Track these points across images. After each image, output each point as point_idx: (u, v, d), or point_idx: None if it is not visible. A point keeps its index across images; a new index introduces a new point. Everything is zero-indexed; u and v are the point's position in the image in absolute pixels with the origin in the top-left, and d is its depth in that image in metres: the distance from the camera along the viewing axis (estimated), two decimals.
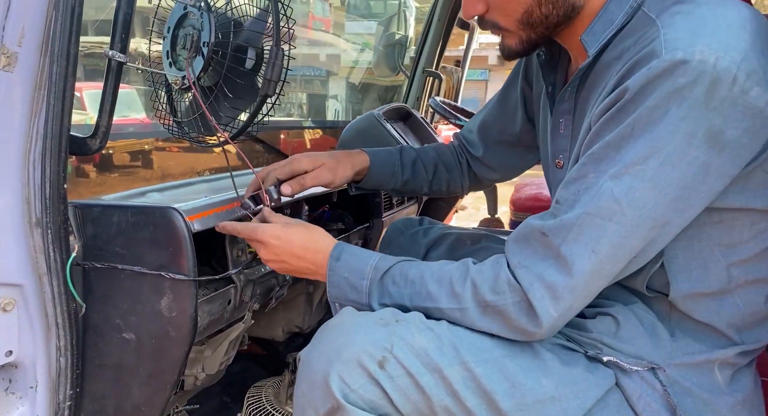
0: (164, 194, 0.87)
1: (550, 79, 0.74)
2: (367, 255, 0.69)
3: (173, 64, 0.77)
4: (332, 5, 10.49)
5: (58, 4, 0.61)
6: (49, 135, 0.63)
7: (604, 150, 0.55)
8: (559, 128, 0.71)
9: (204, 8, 0.73)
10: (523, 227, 0.61)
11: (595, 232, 0.55)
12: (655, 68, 0.51)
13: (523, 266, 0.58)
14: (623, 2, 0.60)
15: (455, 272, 0.63)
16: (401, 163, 0.95)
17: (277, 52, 0.71)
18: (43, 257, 0.65)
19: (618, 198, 0.54)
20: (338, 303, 0.70)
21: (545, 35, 0.65)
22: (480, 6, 0.64)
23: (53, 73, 0.62)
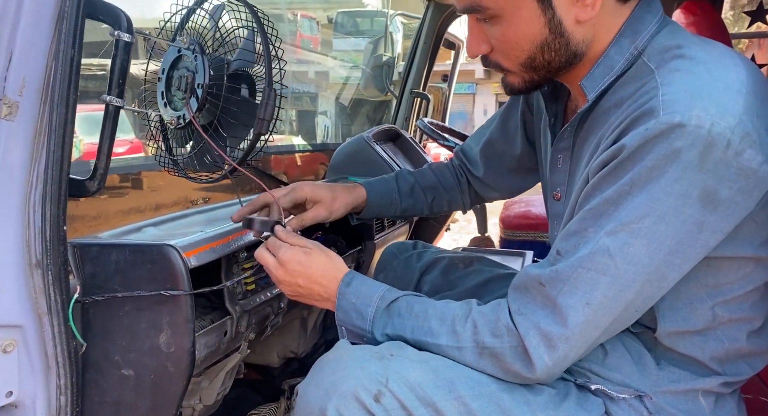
0: (160, 228, 0.89)
1: (552, 111, 0.76)
2: (375, 285, 0.72)
3: (168, 105, 0.79)
4: (320, 23, 10.53)
5: (58, 54, 0.64)
6: (49, 180, 0.65)
7: (603, 206, 0.57)
8: (557, 162, 0.73)
9: (198, 51, 0.75)
10: (522, 275, 0.63)
11: (589, 285, 0.57)
12: (652, 129, 0.53)
13: (521, 313, 0.61)
14: (623, 49, 0.62)
15: (458, 311, 0.65)
16: (398, 191, 0.98)
17: (270, 92, 0.74)
18: (44, 298, 0.67)
19: (612, 254, 0.56)
20: (344, 327, 0.73)
21: (547, 78, 0.67)
22: (484, 46, 0.66)
23: (53, 120, 0.64)
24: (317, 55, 8.77)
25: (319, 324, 1.35)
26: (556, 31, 0.61)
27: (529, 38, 0.62)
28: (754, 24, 1.84)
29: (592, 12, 0.60)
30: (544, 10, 0.60)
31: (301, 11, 10.19)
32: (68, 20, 0.64)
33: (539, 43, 0.62)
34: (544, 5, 0.60)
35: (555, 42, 0.62)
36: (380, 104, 2.80)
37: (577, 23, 0.61)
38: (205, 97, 0.75)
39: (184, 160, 0.80)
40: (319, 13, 10.64)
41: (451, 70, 2.53)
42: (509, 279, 0.97)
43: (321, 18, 10.25)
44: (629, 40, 0.62)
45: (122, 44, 0.68)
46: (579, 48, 0.63)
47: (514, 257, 1.57)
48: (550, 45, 0.62)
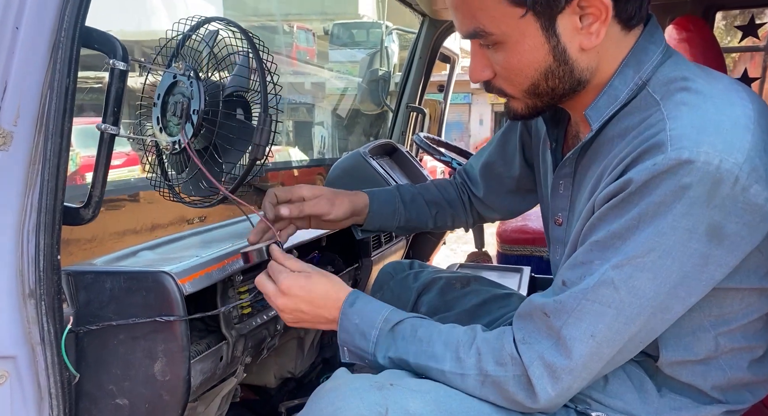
0: (156, 251, 0.88)
1: (554, 136, 0.76)
2: (379, 306, 0.71)
3: (164, 130, 0.79)
4: (316, 35, 10.61)
5: (53, 84, 0.64)
6: (43, 209, 0.64)
7: (611, 239, 0.57)
8: (559, 188, 0.73)
9: (193, 77, 0.76)
10: (527, 304, 0.63)
11: (594, 317, 0.57)
12: (660, 165, 0.53)
13: (526, 342, 0.61)
14: (628, 79, 0.62)
15: (463, 337, 0.65)
16: (401, 200, 0.97)
17: (265, 118, 0.74)
18: (37, 328, 0.66)
19: (618, 286, 0.56)
20: (346, 348, 0.72)
21: (551, 104, 0.67)
22: (487, 72, 0.66)
23: (47, 150, 0.64)
24: (313, 67, 8.85)
25: (316, 344, 1.34)
26: (560, 59, 0.61)
27: (533, 65, 0.62)
28: (747, 38, 1.87)
29: (596, 40, 0.60)
30: (548, 38, 0.60)
31: (297, 23, 10.28)
32: (63, 50, 0.64)
33: (543, 70, 0.62)
34: (548, 33, 0.59)
35: (559, 69, 0.62)
36: (377, 115, 2.82)
37: (581, 51, 0.61)
38: (201, 123, 0.75)
39: (179, 185, 0.80)
40: (315, 24, 10.73)
41: (446, 84, 2.54)
42: (506, 299, 0.97)
43: (317, 30, 10.34)
44: (633, 70, 0.62)
45: (117, 73, 0.68)
46: (583, 75, 0.63)
47: (512, 274, 1.56)
48: (554, 72, 0.62)
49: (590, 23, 0.59)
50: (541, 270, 1.58)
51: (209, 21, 0.79)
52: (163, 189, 0.82)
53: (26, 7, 0.62)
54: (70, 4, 0.64)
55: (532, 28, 0.59)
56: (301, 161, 4.83)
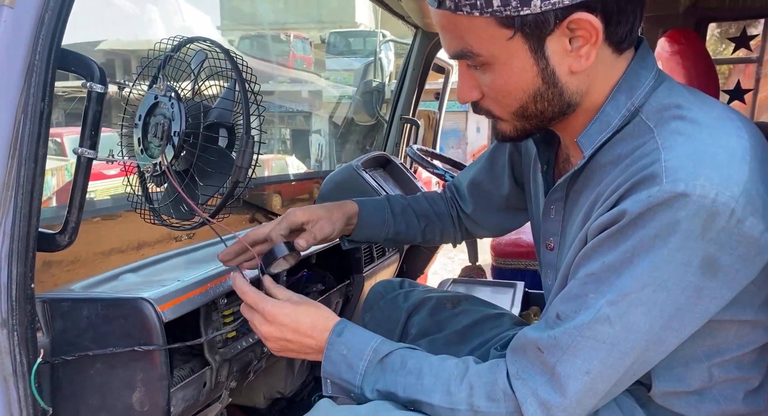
0: (139, 274, 0.87)
1: (545, 158, 0.75)
2: (368, 336, 0.69)
3: (144, 151, 0.77)
4: (312, 43, 10.66)
5: (27, 108, 0.62)
6: (16, 236, 0.62)
7: (605, 273, 0.56)
8: (550, 213, 0.72)
9: (174, 98, 0.74)
10: (521, 338, 0.62)
11: (588, 354, 0.56)
12: (655, 197, 0.52)
13: (519, 377, 0.59)
14: (620, 106, 0.61)
15: (454, 370, 0.63)
16: (391, 211, 0.95)
17: (248, 140, 0.73)
18: (9, 359, 0.64)
19: (613, 323, 0.55)
20: (330, 380, 0.69)
21: (539, 127, 0.66)
22: (475, 93, 0.64)
23: (21, 175, 0.62)
24: (310, 75, 8.88)
25: (307, 362, 1.32)
26: (549, 81, 0.60)
27: (522, 87, 0.60)
28: (739, 50, 1.87)
29: (586, 63, 0.58)
30: (537, 60, 0.58)
31: (294, 32, 10.34)
32: (38, 73, 0.62)
33: (532, 92, 0.61)
34: (537, 55, 0.58)
35: (548, 92, 0.60)
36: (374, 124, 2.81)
37: (571, 74, 0.59)
38: (181, 145, 0.73)
39: (160, 207, 0.78)
40: (312, 33, 10.79)
41: (441, 94, 2.54)
42: (498, 320, 0.95)
43: (314, 38, 10.39)
44: (626, 95, 0.61)
45: (95, 95, 0.66)
46: (573, 98, 0.61)
47: (506, 289, 1.55)
48: (543, 95, 0.60)
49: (580, 46, 0.58)
50: (535, 284, 1.56)
51: (191, 41, 0.77)
52: (144, 210, 0.80)
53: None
54: (45, 25, 0.62)
55: (521, 49, 0.58)
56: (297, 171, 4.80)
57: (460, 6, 0.57)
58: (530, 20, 0.55)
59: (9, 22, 0.60)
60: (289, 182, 2.19)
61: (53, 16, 0.62)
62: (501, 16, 0.56)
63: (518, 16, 0.55)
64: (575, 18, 0.55)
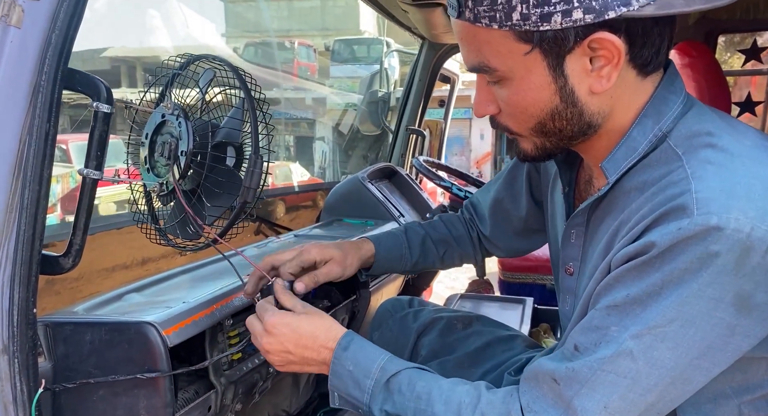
0: (143, 294, 0.85)
1: (566, 179, 0.73)
2: (375, 353, 0.67)
3: (151, 170, 0.76)
4: (317, 50, 10.69)
5: (32, 129, 0.61)
6: (19, 260, 0.61)
7: (630, 306, 0.54)
8: (570, 237, 0.70)
9: (182, 116, 0.73)
10: (536, 368, 0.59)
11: (608, 388, 0.54)
12: (686, 230, 0.50)
13: (531, 410, 0.57)
14: (647, 131, 0.58)
15: (465, 397, 0.61)
16: (408, 245, 0.94)
17: (256, 160, 0.71)
18: (9, 386, 0.62)
19: (636, 357, 0.53)
20: (336, 393, 0.68)
21: (560, 146, 0.63)
22: (492, 107, 0.63)
23: (25, 197, 0.61)
24: (314, 83, 8.90)
25: (312, 379, 1.29)
26: (568, 101, 0.58)
27: (539, 105, 0.59)
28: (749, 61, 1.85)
29: (607, 84, 0.56)
30: (555, 78, 0.56)
31: (298, 39, 10.38)
32: (44, 93, 0.61)
33: (549, 110, 0.59)
34: (555, 72, 0.56)
35: (567, 111, 0.58)
36: (373, 139, 2.79)
37: (591, 94, 0.57)
38: (188, 165, 0.72)
39: (167, 227, 0.76)
40: (316, 40, 10.83)
41: (446, 104, 2.53)
42: (511, 342, 0.93)
43: (318, 46, 10.43)
44: (653, 120, 0.58)
45: (101, 115, 0.65)
46: (594, 119, 0.59)
47: (514, 305, 1.52)
48: (561, 114, 0.59)
49: (601, 66, 0.56)
50: (543, 299, 1.54)
51: (198, 59, 0.76)
52: (150, 230, 0.79)
53: (5, 49, 0.59)
54: (52, 46, 0.61)
55: (539, 66, 0.56)
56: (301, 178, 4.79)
57: (479, 17, 0.56)
58: (549, 36, 0.54)
59: (15, 42, 0.59)
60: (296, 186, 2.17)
61: (60, 36, 0.61)
62: (520, 30, 0.55)
63: (537, 31, 0.54)
64: (597, 37, 0.54)
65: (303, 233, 1.46)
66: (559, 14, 0.52)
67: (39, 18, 0.60)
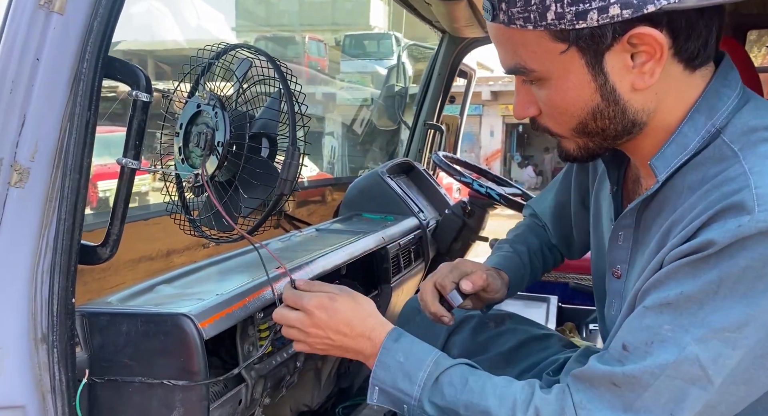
0: (173, 285, 0.84)
1: (614, 178, 0.71)
2: (428, 347, 0.66)
3: (185, 161, 0.75)
4: (327, 45, 10.65)
5: (73, 117, 0.60)
6: (59, 249, 0.60)
7: (685, 303, 0.52)
8: (618, 239, 0.68)
9: (218, 106, 0.72)
10: (590, 370, 0.57)
11: (675, 394, 0.52)
12: (746, 227, 0.48)
13: (585, 408, 0.55)
14: (699, 127, 0.56)
15: (519, 394, 0.59)
16: (522, 263, 0.93)
17: (294, 152, 0.70)
18: (48, 376, 0.62)
19: (705, 365, 0.51)
20: (379, 387, 0.65)
21: (604, 146, 0.62)
22: (532, 109, 0.62)
23: (65, 186, 0.60)
24: (324, 77, 8.87)
25: (333, 374, 1.29)
26: (609, 99, 0.56)
27: (579, 104, 0.57)
28: None
29: (650, 80, 0.55)
30: (594, 76, 0.55)
31: (309, 34, 10.35)
32: (85, 82, 0.60)
33: (590, 109, 0.57)
34: (594, 70, 0.55)
35: (608, 110, 0.57)
36: (390, 135, 2.77)
37: (633, 91, 0.56)
38: (225, 156, 0.71)
39: (201, 219, 0.76)
40: (327, 35, 10.79)
41: (463, 100, 2.50)
42: (546, 341, 0.91)
43: (329, 40, 10.40)
44: (705, 116, 0.56)
45: (140, 104, 0.64)
46: (638, 117, 0.58)
47: (538, 303, 1.51)
48: (603, 112, 0.57)
49: (643, 62, 0.54)
50: (565, 298, 1.52)
51: (234, 48, 0.75)
52: (185, 223, 0.78)
53: (48, 37, 0.59)
54: (94, 33, 0.60)
55: (577, 64, 0.55)
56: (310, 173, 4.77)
57: (514, 19, 0.55)
58: (586, 34, 0.53)
59: (58, 29, 0.59)
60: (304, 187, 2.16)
61: (102, 23, 0.60)
62: (555, 30, 0.53)
63: (573, 29, 0.53)
64: (636, 33, 0.52)
65: (324, 227, 1.45)
66: (595, 11, 0.51)
67: (81, 4, 0.59)
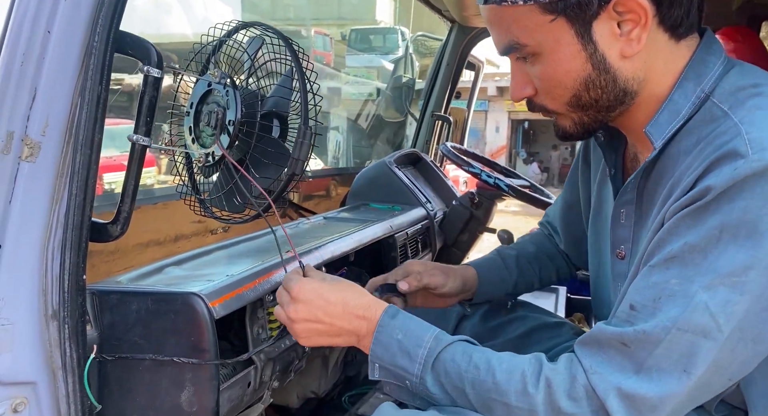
0: (183, 267, 0.84)
1: (612, 161, 0.71)
2: (426, 324, 0.65)
3: (196, 141, 0.75)
4: (333, 39, 10.62)
5: (84, 92, 0.59)
6: (70, 225, 0.60)
7: (689, 254, 0.51)
8: (620, 218, 0.67)
9: (229, 85, 0.71)
10: (596, 333, 0.57)
11: (687, 349, 0.51)
12: (742, 169, 0.49)
13: (595, 372, 0.54)
14: (688, 93, 0.58)
15: (527, 366, 0.58)
16: (505, 265, 0.92)
17: (305, 131, 0.69)
18: (59, 352, 0.61)
19: (714, 313, 0.50)
20: (378, 364, 0.64)
21: (598, 120, 0.63)
22: (528, 89, 0.63)
23: (76, 161, 0.60)
24: (330, 71, 8.85)
25: (340, 362, 1.28)
26: (600, 67, 0.58)
27: (572, 75, 0.59)
28: None
29: (637, 46, 0.57)
30: (584, 45, 0.57)
31: (315, 28, 10.32)
32: (96, 56, 0.60)
33: (582, 80, 0.59)
34: (584, 40, 0.57)
35: (600, 79, 0.58)
36: (396, 126, 2.76)
37: (623, 58, 0.57)
38: (236, 135, 0.70)
39: (211, 199, 0.75)
40: (332, 30, 10.76)
41: (470, 92, 2.48)
42: (558, 328, 0.90)
43: (335, 35, 10.36)
44: (693, 83, 0.58)
45: (151, 80, 0.63)
46: (629, 85, 0.59)
47: (547, 294, 1.50)
48: (595, 82, 0.59)
49: (630, 29, 0.56)
50: (577, 290, 1.51)
51: (246, 26, 0.74)
52: (194, 204, 0.77)
53: (59, 9, 0.58)
54: (105, 5, 0.59)
55: (567, 35, 0.57)
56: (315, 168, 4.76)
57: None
58: (573, 3, 0.55)
59: (69, 1, 0.58)
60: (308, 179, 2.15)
61: None
62: (544, 2, 0.55)
63: (561, 0, 0.55)
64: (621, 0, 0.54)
65: (332, 216, 1.44)
66: None
67: None
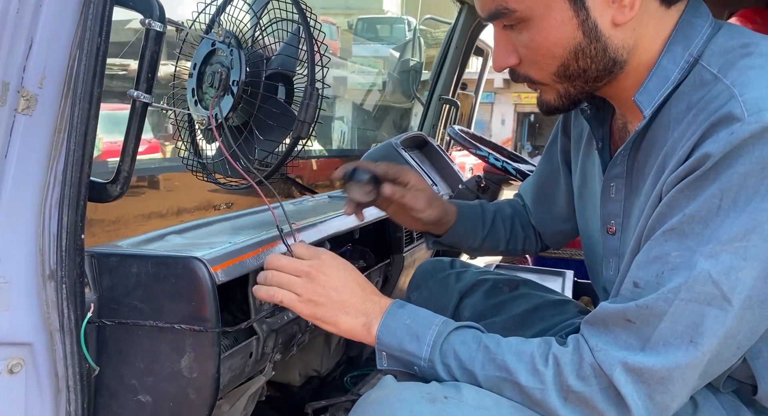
0: (184, 236, 0.82)
1: (599, 135, 0.68)
2: (433, 313, 0.64)
3: (199, 103, 0.72)
4: (339, 28, 10.57)
5: (83, 43, 0.57)
6: (68, 182, 0.58)
7: (689, 225, 0.49)
8: (610, 191, 0.65)
9: (234, 45, 0.69)
10: (600, 312, 0.55)
11: (692, 319, 0.49)
12: (739, 132, 0.47)
13: (601, 349, 0.53)
14: (677, 57, 0.56)
15: (537, 348, 0.56)
16: (483, 217, 0.90)
17: (312, 92, 0.67)
18: (56, 313, 0.60)
19: (717, 280, 0.48)
20: (386, 353, 0.62)
21: (585, 90, 0.60)
22: (512, 58, 0.60)
23: (74, 116, 0.57)
24: (336, 60, 8.78)
25: (343, 341, 1.27)
26: (591, 35, 0.55)
27: (561, 43, 0.56)
28: None
29: (630, 13, 0.54)
30: (576, 12, 0.54)
31: (321, 16, 10.23)
32: (95, 5, 0.57)
33: (572, 48, 0.56)
34: (576, 6, 0.54)
35: (590, 47, 0.56)
36: (400, 111, 2.73)
37: (614, 26, 0.55)
38: (241, 96, 0.68)
39: (213, 164, 0.73)
40: (339, 19, 10.67)
41: (478, 78, 2.45)
42: (562, 306, 0.88)
43: (341, 24, 10.27)
44: (682, 46, 0.56)
45: (153, 34, 0.61)
46: (619, 54, 0.57)
47: (553, 277, 1.47)
48: (585, 50, 0.56)
49: None
50: (584, 275, 1.48)
51: None
52: (197, 170, 0.75)
53: None
54: None
55: (559, 1, 0.54)
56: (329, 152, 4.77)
57: None
58: None
59: None
60: (313, 163, 2.13)
61: None
62: None
63: None
64: None
65: (336, 195, 1.42)
66: None
67: None
